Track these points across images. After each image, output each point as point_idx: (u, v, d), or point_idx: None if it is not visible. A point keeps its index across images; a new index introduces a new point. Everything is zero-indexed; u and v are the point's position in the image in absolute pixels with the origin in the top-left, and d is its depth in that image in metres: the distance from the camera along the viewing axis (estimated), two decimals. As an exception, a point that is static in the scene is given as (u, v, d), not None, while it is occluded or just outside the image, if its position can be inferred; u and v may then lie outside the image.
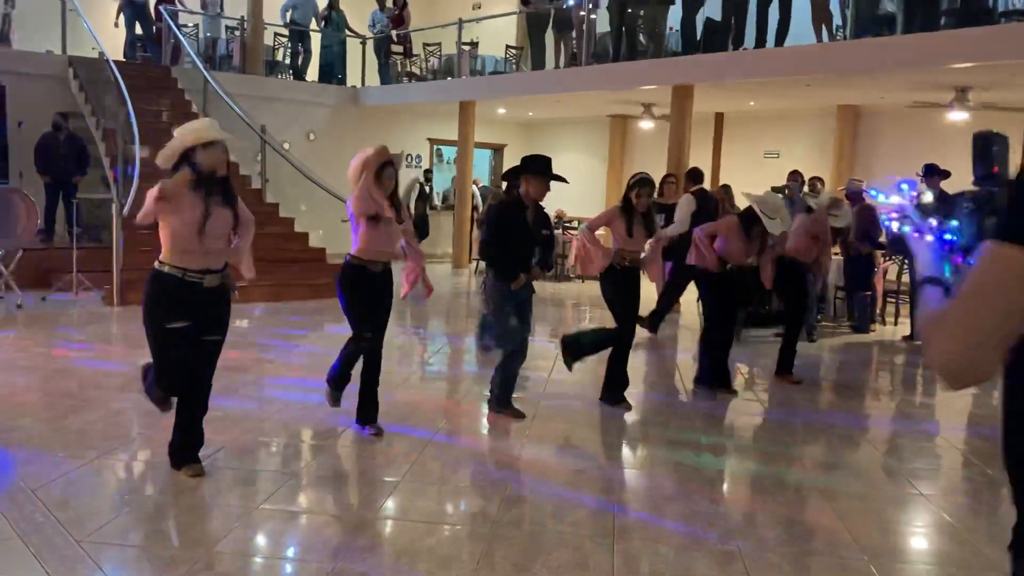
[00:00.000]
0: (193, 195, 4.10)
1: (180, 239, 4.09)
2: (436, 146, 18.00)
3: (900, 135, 12.55)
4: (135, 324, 8.59)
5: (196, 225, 4.07)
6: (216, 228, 4.17)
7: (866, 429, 6.20)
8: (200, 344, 4.24)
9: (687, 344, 9.38)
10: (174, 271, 4.12)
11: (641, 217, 6.12)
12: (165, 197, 4.01)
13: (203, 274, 4.17)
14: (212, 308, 4.26)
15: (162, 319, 4.13)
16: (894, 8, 9.78)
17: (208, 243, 4.14)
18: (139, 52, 14.54)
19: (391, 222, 5.06)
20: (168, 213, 4.07)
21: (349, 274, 5.11)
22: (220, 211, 4.19)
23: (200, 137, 4.12)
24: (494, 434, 5.57)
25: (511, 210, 5.66)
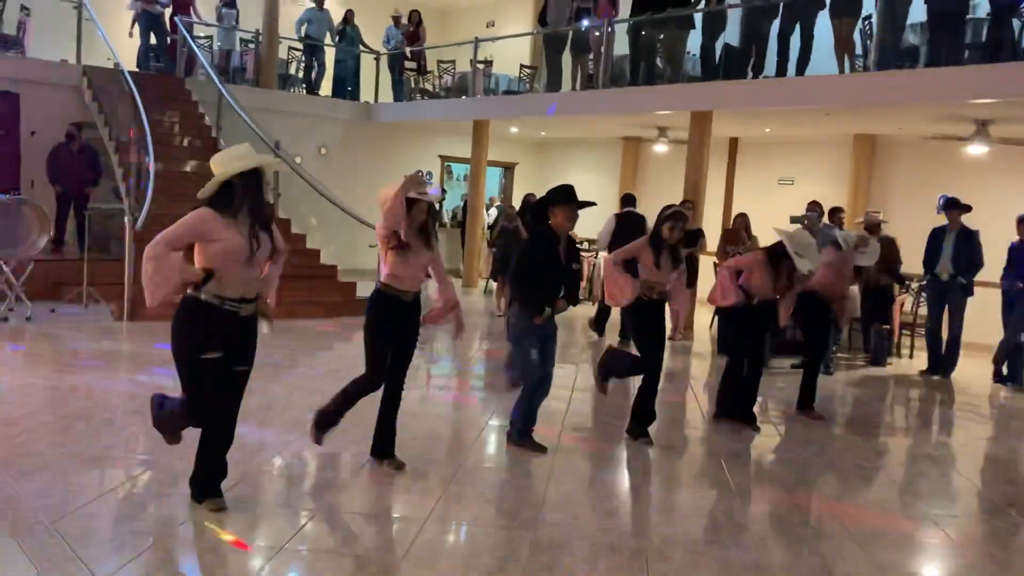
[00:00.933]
0: (235, 223, 4.00)
1: (218, 268, 3.99)
2: (446, 163, 17.95)
3: (916, 166, 12.49)
4: (146, 340, 8.58)
5: (240, 254, 3.98)
6: (259, 258, 4.10)
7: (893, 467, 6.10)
8: (230, 375, 4.14)
9: (699, 372, 9.29)
10: (211, 299, 4.02)
11: (669, 249, 6.05)
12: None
13: (240, 303, 4.08)
14: (244, 338, 4.17)
15: (197, 349, 4.04)
16: (917, 41, 9.73)
17: (249, 272, 4.05)
18: (153, 63, 14.48)
19: (421, 250, 4.98)
20: (206, 244, 3.98)
21: (378, 301, 5.02)
22: (262, 239, 4.11)
23: (243, 165, 4.03)
24: (518, 471, 5.46)
25: (544, 242, 5.58)
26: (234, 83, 14.86)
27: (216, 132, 13.17)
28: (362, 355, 5.05)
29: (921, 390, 9.07)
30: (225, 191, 4.02)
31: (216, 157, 4.14)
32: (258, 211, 4.08)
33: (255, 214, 4.06)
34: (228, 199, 4.01)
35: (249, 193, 4.03)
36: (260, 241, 4.05)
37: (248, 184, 4.03)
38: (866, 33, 10.10)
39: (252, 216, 4.04)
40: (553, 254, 5.50)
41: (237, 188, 4.01)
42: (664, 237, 6.00)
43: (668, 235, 5.99)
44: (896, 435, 7.31)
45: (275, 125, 13.70)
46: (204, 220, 3.98)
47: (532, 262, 5.53)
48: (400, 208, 4.76)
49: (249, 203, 4.04)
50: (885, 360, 10.05)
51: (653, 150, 15.30)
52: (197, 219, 3.98)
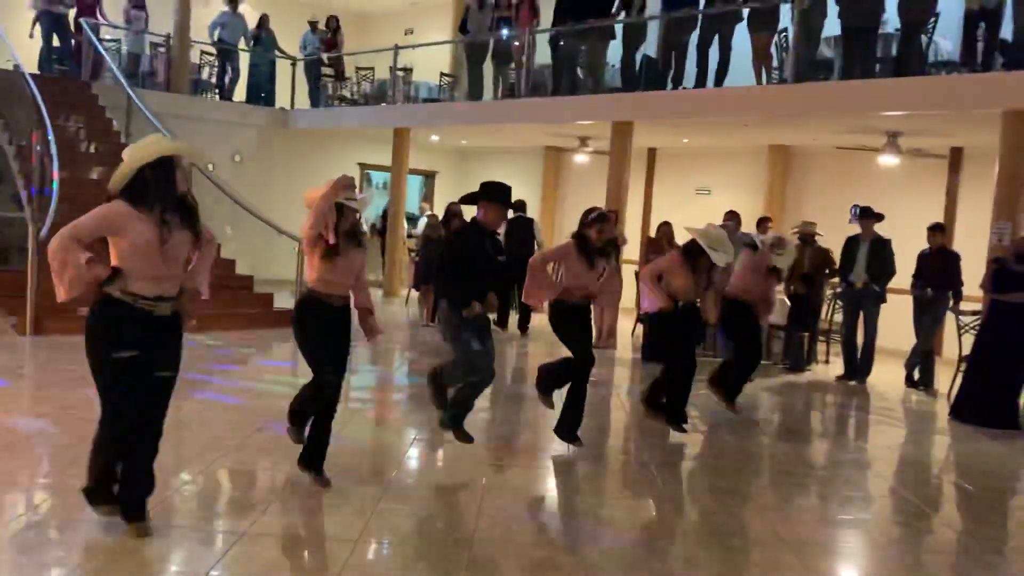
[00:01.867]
0: (146, 217, 3.77)
1: (131, 264, 3.76)
2: (366, 171, 17.69)
3: (830, 176, 12.83)
4: (52, 355, 8.13)
5: (152, 247, 3.75)
6: (174, 251, 3.86)
7: (817, 472, 6.17)
8: (151, 381, 3.90)
9: (623, 380, 9.30)
10: (124, 297, 3.77)
11: (597, 252, 6.00)
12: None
13: (156, 301, 3.84)
14: (164, 339, 3.92)
15: (109, 348, 3.78)
16: (832, 54, 9.99)
17: (165, 268, 3.82)
18: (56, 65, 13.86)
19: (351, 253, 4.83)
20: (118, 238, 3.75)
21: (305, 307, 4.87)
22: (179, 233, 3.88)
23: (150, 153, 3.81)
24: (449, 486, 5.32)
25: (471, 237, 5.49)
26: (144, 88, 14.34)
27: (125, 138, 12.66)
28: (281, 370, 4.86)
29: (838, 396, 9.26)
30: (137, 181, 3.79)
31: (129, 147, 3.92)
32: (170, 201, 3.85)
33: (166, 204, 3.83)
34: (141, 190, 3.79)
35: (161, 182, 3.81)
36: (172, 230, 3.82)
37: (160, 174, 3.81)
38: (782, 46, 10.32)
39: (163, 206, 3.81)
40: (480, 248, 5.42)
41: (149, 179, 3.79)
42: (592, 240, 5.95)
43: (596, 238, 5.94)
44: (818, 440, 7.43)
45: (187, 132, 13.21)
46: (115, 212, 3.75)
47: (458, 255, 5.46)
48: (329, 210, 4.61)
49: (161, 193, 3.82)
50: (804, 366, 10.25)
51: (574, 160, 15.36)
52: (107, 210, 3.76)
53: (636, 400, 8.27)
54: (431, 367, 5.87)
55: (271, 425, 6.20)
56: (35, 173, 10.49)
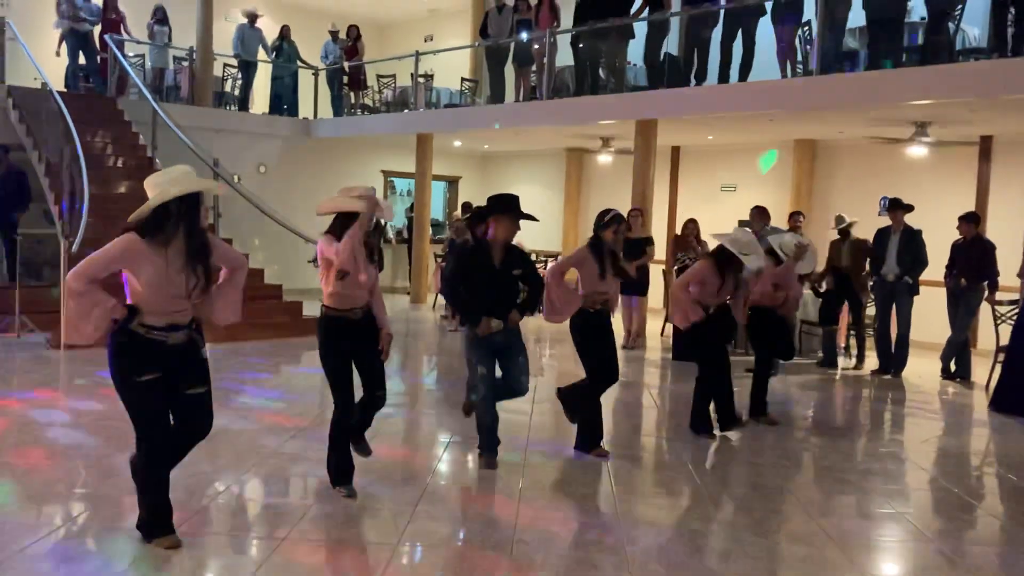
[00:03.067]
0: (164, 251, 3.74)
1: (142, 297, 3.75)
2: (389, 178, 17.74)
3: (858, 169, 12.68)
4: (84, 368, 8.20)
5: (169, 286, 3.74)
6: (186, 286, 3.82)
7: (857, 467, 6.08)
8: (184, 400, 3.91)
9: (654, 380, 9.23)
10: (136, 328, 3.76)
11: (611, 256, 5.90)
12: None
13: (167, 331, 3.82)
14: (184, 359, 3.91)
15: (130, 374, 3.78)
16: (857, 45, 9.88)
17: (175, 302, 3.80)
18: (82, 83, 14.01)
19: (365, 265, 4.77)
20: (133, 271, 3.74)
21: (326, 325, 4.82)
22: (197, 271, 3.83)
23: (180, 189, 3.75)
24: (485, 488, 5.30)
25: (473, 254, 5.44)
26: (168, 101, 14.47)
27: (152, 152, 12.77)
28: (311, 378, 4.86)
29: (874, 390, 9.14)
30: (158, 216, 3.74)
31: (151, 179, 3.84)
32: (194, 238, 3.81)
33: (191, 242, 3.79)
34: (160, 224, 3.74)
35: (185, 219, 3.77)
36: (197, 274, 3.80)
37: (185, 209, 3.77)
38: (806, 38, 10.22)
39: (188, 245, 3.78)
40: (484, 263, 5.35)
41: (172, 213, 3.74)
42: (607, 241, 5.85)
43: (612, 239, 5.84)
44: (855, 435, 7.32)
45: (212, 143, 13.37)
46: (129, 247, 3.72)
47: (460, 273, 5.42)
48: (358, 250, 4.54)
49: (185, 230, 3.78)
50: (836, 362, 10.12)
51: (597, 160, 15.31)
52: (122, 246, 3.72)
53: (667, 399, 8.22)
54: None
55: (304, 432, 6.22)
56: (65, 189, 10.62)
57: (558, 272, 5.94)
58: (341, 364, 4.79)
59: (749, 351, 9.69)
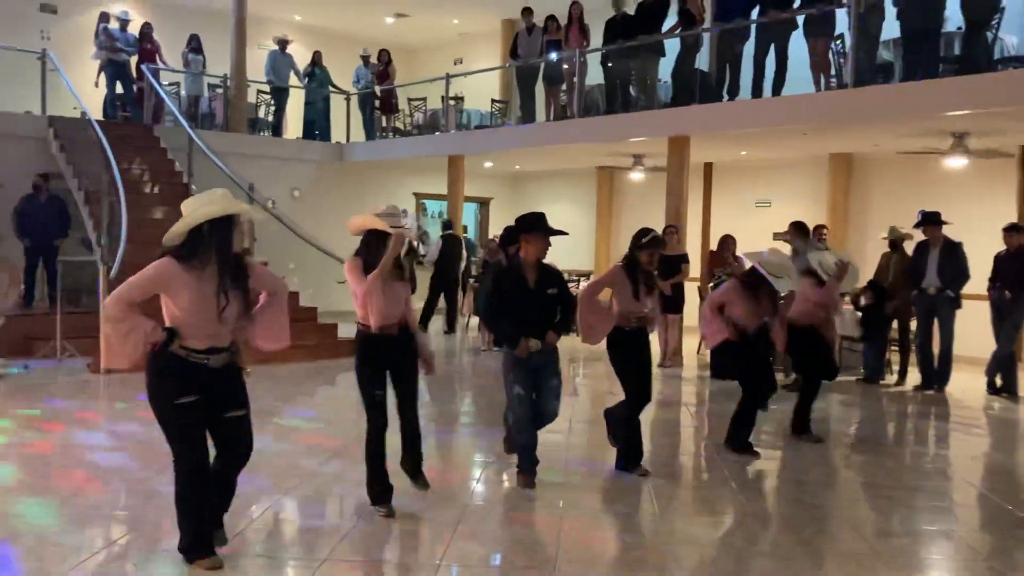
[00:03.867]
0: (200, 274, 3.74)
1: (181, 321, 3.76)
2: (421, 200, 17.82)
3: (895, 182, 12.52)
4: (124, 392, 8.27)
5: (205, 309, 3.73)
6: (227, 314, 3.82)
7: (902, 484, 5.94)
8: (223, 422, 3.90)
9: (691, 398, 9.13)
10: (176, 351, 3.76)
11: (644, 275, 5.83)
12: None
13: (207, 354, 3.81)
14: (224, 383, 3.90)
15: (170, 397, 3.78)
16: (891, 57, 9.78)
17: (215, 326, 3.80)
18: (120, 111, 14.26)
19: (394, 284, 4.77)
20: (169, 295, 3.75)
21: (361, 344, 4.81)
22: (232, 292, 3.82)
23: (212, 211, 3.75)
24: (526, 508, 5.23)
25: (507, 274, 5.42)
26: (203, 128, 14.66)
27: (187, 178, 12.94)
28: (349, 400, 4.85)
29: (917, 406, 8.96)
30: (192, 239, 3.74)
31: (187, 202, 3.84)
32: (227, 262, 3.80)
33: (224, 265, 3.79)
34: (195, 248, 3.74)
35: (218, 242, 3.76)
36: (229, 296, 3.79)
37: (218, 232, 3.76)
38: (839, 51, 10.13)
39: (221, 267, 3.78)
40: (519, 284, 5.32)
41: (205, 236, 3.74)
42: (642, 263, 5.78)
43: (647, 261, 5.77)
44: (901, 451, 7.17)
45: (247, 169, 13.48)
46: (165, 271, 3.72)
47: (496, 294, 5.40)
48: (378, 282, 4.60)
49: (218, 253, 3.77)
50: (879, 377, 9.93)
51: (628, 178, 15.26)
52: (157, 270, 3.73)
53: (706, 417, 8.12)
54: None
55: (342, 452, 6.21)
56: (103, 216, 10.77)
57: (590, 293, 5.91)
58: (374, 382, 4.78)
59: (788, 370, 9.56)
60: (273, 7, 17.41)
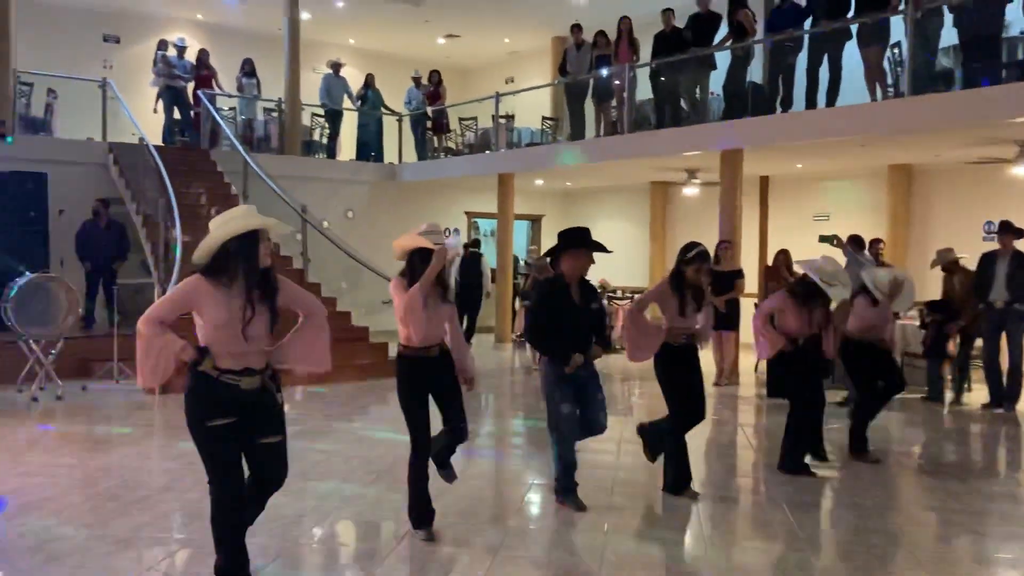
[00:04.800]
0: (229, 292, 3.71)
1: (212, 340, 3.73)
2: (473, 219, 17.85)
3: (958, 193, 12.14)
4: (178, 414, 8.30)
5: (232, 325, 3.69)
6: (255, 328, 3.75)
7: (968, 508, 5.67)
8: (257, 447, 3.86)
9: (747, 418, 8.91)
10: (208, 370, 3.71)
11: (692, 291, 5.68)
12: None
13: (240, 375, 3.75)
14: (258, 407, 3.83)
15: (203, 419, 3.74)
16: (951, 64, 9.48)
17: (246, 344, 3.74)
18: (178, 136, 14.59)
19: (437, 304, 4.73)
20: (199, 313, 3.72)
21: (403, 366, 4.76)
22: (260, 309, 3.76)
23: (235, 228, 3.71)
24: (569, 531, 5.12)
25: (554, 289, 5.33)
26: (259, 151, 14.91)
27: (243, 200, 13.14)
28: (400, 417, 4.79)
29: (985, 425, 8.60)
30: (219, 256, 3.72)
31: (214, 221, 3.81)
32: (253, 276, 3.76)
33: (250, 279, 3.75)
34: (222, 264, 3.71)
35: (243, 257, 3.72)
36: (255, 311, 3.73)
37: (243, 248, 3.72)
38: (895, 60, 9.87)
39: (247, 282, 3.74)
40: (563, 299, 5.25)
41: (231, 252, 3.71)
42: (689, 279, 5.64)
43: (693, 277, 5.62)
44: (966, 473, 6.86)
45: (301, 191, 13.65)
46: (194, 289, 3.70)
47: (543, 312, 5.33)
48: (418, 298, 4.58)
49: (243, 267, 3.72)
50: (943, 395, 9.57)
51: (682, 193, 15.07)
52: (187, 289, 3.72)
53: (763, 438, 7.89)
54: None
55: (386, 474, 6.16)
56: (161, 239, 10.98)
57: (637, 309, 5.79)
58: (417, 404, 4.73)
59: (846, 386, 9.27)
60: (327, 31, 17.69)
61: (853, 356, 6.85)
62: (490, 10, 16.41)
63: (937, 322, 9.31)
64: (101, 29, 16.64)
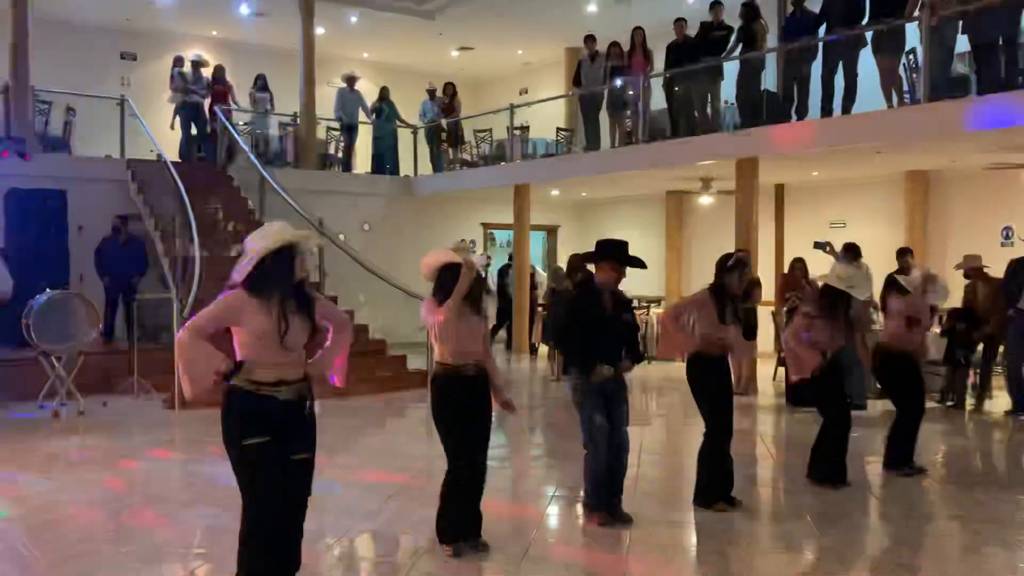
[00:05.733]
0: (267, 305, 3.75)
1: (250, 352, 3.75)
2: (489, 230, 17.88)
3: (976, 199, 12.06)
4: (199, 429, 8.39)
5: (270, 337, 3.73)
6: (292, 339, 3.79)
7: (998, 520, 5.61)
8: (289, 465, 3.87)
9: (766, 428, 8.86)
10: (245, 384, 3.73)
11: (731, 300, 5.72)
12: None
13: (277, 387, 3.78)
14: (294, 422, 3.86)
15: (240, 435, 3.75)
16: (966, 70, 9.44)
17: (283, 355, 3.78)
18: (196, 152, 14.70)
19: (470, 317, 4.74)
20: (238, 327, 3.76)
21: (442, 385, 4.72)
22: (296, 320, 3.81)
23: (273, 242, 3.77)
24: (592, 545, 5.11)
25: (585, 298, 5.34)
26: (275, 166, 14.98)
27: (260, 215, 13.22)
28: (417, 433, 4.79)
29: (1010, 432, 8.52)
30: (258, 271, 3.77)
31: (251, 236, 3.89)
32: (288, 291, 3.81)
33: (285, 294, 3.80)
34: (261, 279, 3.76)
35: (279, 272, 3.78)
36: (290, 323, 3.77)
37: (279, 263, 3.78)
38: (910, 67, 9.84)
39: (282, 297, 3.79)
40: (597, 308, 5.23)
41: (268, 267, 3.77)
42: (732, 287, 5.67)
43: (736, 285, 5.67)
44: (992, 482, 6.80)
45: (317, 205, 13.70)
46: (235, 301, 3.75)
47: (575, 319, 5.31)
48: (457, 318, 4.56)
49: (279, 281, 3.78)
50: (965, 403, 9.47)
51: (698, 202, 15.04)
52: (229, 301, 3.76)
53: (783, 447, 7.85)
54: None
55: (407, 489, 6.17)
56: (179, 254, 11.05)
57: (677, 312, 5.83)
58: (454, 420, 4.71)
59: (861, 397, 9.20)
60: (341, 45, 17.79)
61: (888, 368, 6.74)
62: (503, 22, 16.47)
63: (961, 330, 9.22)
64: (118, 47, 16.79)
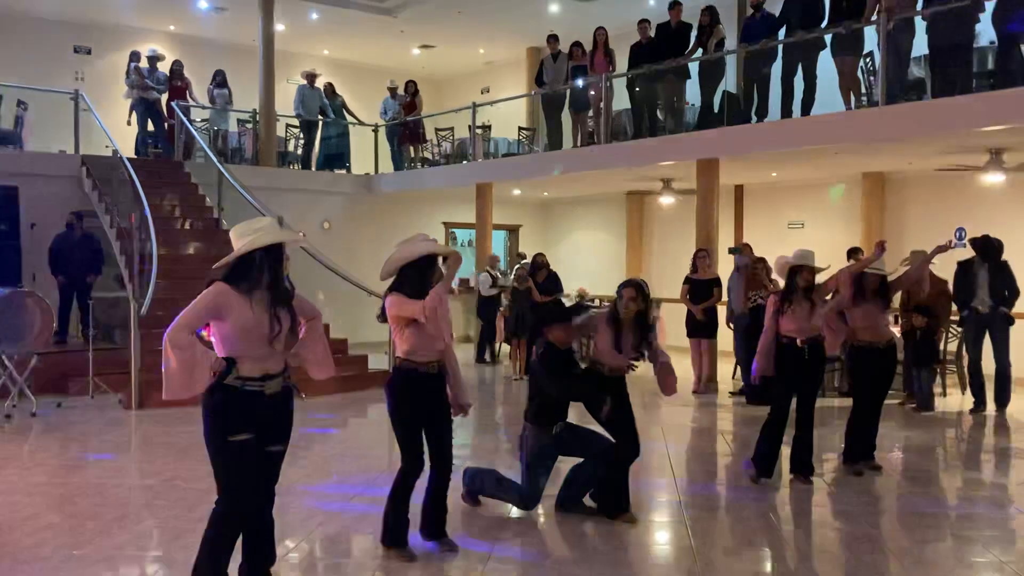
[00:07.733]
0: (249, 299, 3.72)
1: (234, 347, 3.71)
2: (451, 229, 17.83)
3: (930, 200, 12.29)
4: (157, 429, 8.25)
5: (257, 333, 3.70)
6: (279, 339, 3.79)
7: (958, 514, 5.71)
8: (263, 456, 3.82)
9: (726, 425, 8.93)
10: (232, 382, 3.70)
11: (629, 326, 5.42)
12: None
13: (263, 381, 3.76)
14: (276, 415, 3.86)
15: (225, 432, 3.71)
16: (923, 74, 9.61)
17: (268, 348, 3.76)
18: (151, 149, 14.45)
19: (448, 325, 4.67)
20: (222, 321, 3.70)
21: (401, 381, 4.64)
22: (282, 318, 3.81)
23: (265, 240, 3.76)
24: (556, 542, 5.11)
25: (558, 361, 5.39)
26: (233, 163, 14.79)
27: (218, 213, 13.05)
28: (379, 432, 4.75)
29: (972, 430, 8.69)
30: (243, 265, 3.75)
31: (236, 229, 3.85)
32: (278, 288, 3.82)
33: (275, 291, 3.79)
34: (246, 274, 3.75)
35: (270, 269, 3.78)
36: (280, 319, 3.77)
37: (269, 260, 3.78)
38: (868, 69, 9.99)
39: (272, 293, 3.78)
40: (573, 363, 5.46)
41: (258, 263, 3.75)
42: (619, 313, 5.41)
43: (623, 312, 5.41)
44: (950, 478, 6.93)
45: (277, 202, 13.55)
46: (221, 295, 3.70)
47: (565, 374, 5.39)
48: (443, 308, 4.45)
49: (269, 279, 3.78)
50: (932, 403, 9.57)
51: (659, 203, 15.13)
52: (214, 294, 3.71)
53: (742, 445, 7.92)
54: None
55: (369, 488, 6.12)
56: (135, 252, 10.85)
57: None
58: (413, 419, 4.66)
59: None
60: (301, 42, 17.63)
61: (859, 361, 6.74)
62: (465, 21, 16.42)
63: (921, 326, 9.29)
64: (72, 40, 16.45)
